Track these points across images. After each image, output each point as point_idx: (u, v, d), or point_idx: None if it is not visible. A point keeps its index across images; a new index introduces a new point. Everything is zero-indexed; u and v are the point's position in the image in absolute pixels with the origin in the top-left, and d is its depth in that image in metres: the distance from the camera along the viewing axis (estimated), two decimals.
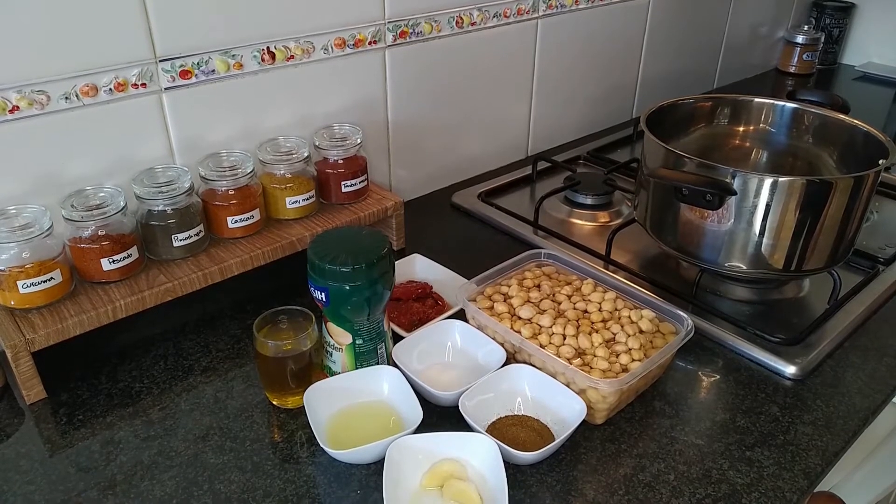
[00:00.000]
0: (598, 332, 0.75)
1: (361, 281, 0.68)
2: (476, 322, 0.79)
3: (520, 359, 0.76)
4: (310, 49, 0.93)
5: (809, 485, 0.66)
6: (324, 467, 0.67)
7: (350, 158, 0.94)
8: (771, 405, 0.75)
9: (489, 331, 0.78)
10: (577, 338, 0.74)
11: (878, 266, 0.96)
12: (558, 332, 0.75)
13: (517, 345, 0.74)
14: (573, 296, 0.80)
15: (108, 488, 0.64)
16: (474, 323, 0.80)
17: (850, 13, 1.84)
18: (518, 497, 0.64)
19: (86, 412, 0.73)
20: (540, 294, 0.80)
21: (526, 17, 1.18)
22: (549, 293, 0.80)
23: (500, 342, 0.77)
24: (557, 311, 0.78)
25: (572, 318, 0.77)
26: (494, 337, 0.77)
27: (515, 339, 0.74)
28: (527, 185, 1.23)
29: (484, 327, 0.78)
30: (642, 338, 0.74)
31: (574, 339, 0.74)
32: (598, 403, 0.70)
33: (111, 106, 0.80)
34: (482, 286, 0.82)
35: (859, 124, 0.93)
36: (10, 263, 0.72)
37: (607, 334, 0.75)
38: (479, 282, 0.82)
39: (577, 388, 0.70)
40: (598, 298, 0.80)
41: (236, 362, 0.80)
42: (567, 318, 0.76)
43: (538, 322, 0.76)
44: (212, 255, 0.83)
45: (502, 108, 1.24)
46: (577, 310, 0.78)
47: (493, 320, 0.76)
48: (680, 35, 1.52)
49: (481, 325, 0.79)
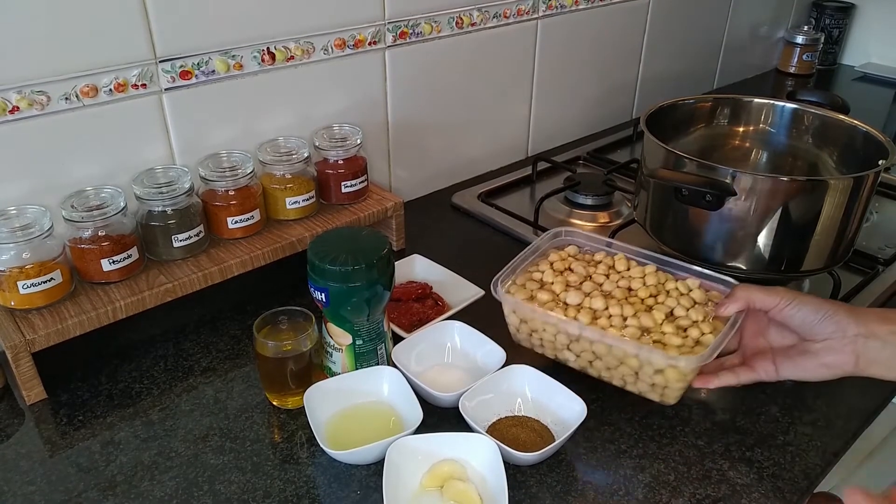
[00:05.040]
0: (655, 309, 0.70)
1: (361, 281, 0.68)
2: (518, 317, 0.73)
3: (575, 350, 0.71)
4: (310, 49, 0.93)
5: (809, 485, 0.66)
6: (324, 468, 0.67)
7: (350, 159, 0.94)
8: (771, 405, 0.75)
9: (536, 323, 0.72)
10: (638, 317, 0.69)
11: (878, 266, 0.96)
12: (616, 314, 0.70)
13: (576, 333, 0.69)
14: (611, 275, 0.75)
15: (109, 489, 0.64)
16: (515, 319, 0.74)
17: (849, 13, 1.84)
18: (518, 497, 0.64)
19: (86, 413, 0.73)
20: (577, 277, 0.75)
21: (526, 17, 1.18)
22: (585, 275, 0.75)
23: (549, 337, 0.72)
24: (603, 293, 0.73)
25: (621, 297, 0.72)
26: (545, 329, 0.72)
27: (573, 327, 0.69)
28: (527, 186, 1.23)
29: (529, 320, 0.72)
30: (701, 309, 0.71)
31: (636, 319, 0.69)
32: (676, 383, 0.66)
33: (111, 106, 0.80)
34: (512, 277, 0.77)
35: (859, 125, 0.93)
36: (11, 264, 0.72)
37: (665, 309, 0.71)
38: (507, 274, 0.76)
39: (651, 369, 0.67)
40: (639, 274, 0.75)
41: (236, 363, 0.80)
42: (617, 299, 0.72)
43: (590, 306, 0.71)
44: (212, 255, 0.83)
45: (502, 108, 1.24)
46: (622, 288, 0.74)
47: (541, 311, 0.70)
48: (680, 35, 1.52)
49: (525, 318, 0.73)
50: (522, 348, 0.80)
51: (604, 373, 0.72)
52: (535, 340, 0.75)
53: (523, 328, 0.75)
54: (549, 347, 0.74)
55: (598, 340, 0.69)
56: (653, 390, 0.70)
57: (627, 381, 0.71)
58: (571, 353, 0.72)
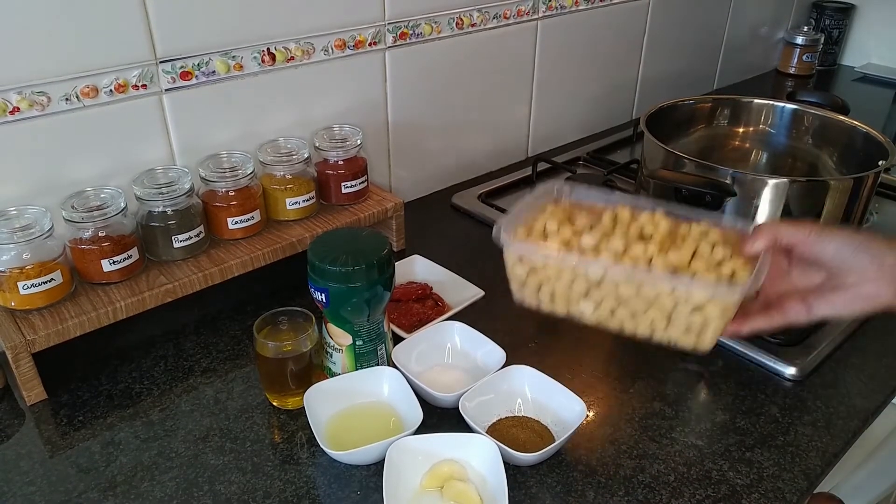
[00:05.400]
0: (680, 249, 0.62)
1: (361, 282, 0.68)
2: (525, 267, 0.64)
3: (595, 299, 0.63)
4: (310, 50, 0.93)
5: (809, 486, 0.66)
6: (324, 468, 0.67)
7: (350, 159, 0.94)
8: (771, 406, 0.75)
9: (549, 271, 0.63)
10: (665, 255, 0.61)
11: None
12: (639, 255, 0.61)
13: (599, 273, 0.61)
14: (618, 223, 0.66)
15: (109, 489, 0.64)
16: (521, 271, 0.64)
17: (849, 14, 1.84)
18: (518, 498, 0.64)
19: (86, 413, 0.73)
20: (583, 225, 0.66)
21: (526, 18, 1.18)
22: (590, 224, 0.66)
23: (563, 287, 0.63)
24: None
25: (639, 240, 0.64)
26: (558, 278, 0.63)
27: (597, 266, 0.60)
28: (527, 186, 1.23)
29: (540, 268, 0.64)
30: (727, 246, 0.63)
31: (661, 258, 0.61)
32: (717, 320, 0.60)
33: (112, 107, 0.80)
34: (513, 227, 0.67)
35: (859, 125, 0.93)
36: (11, 265, 0.72)
37: (689, 248, 0.63)
38: (509, 223, 0.67)
39: (687, 309, 0.60)
40: (649, 220, 0.66)
41: (236, 363, 0.80)
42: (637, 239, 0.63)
43: (609, 248, 0.62)
44: (212, 256, 0.83)
45: (502, 109, 1.24)
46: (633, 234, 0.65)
47: (558, 253, 0.62)
48: (680, 35, 1.52)
49: (536, 266, 0.64)
50: (523, 348, 0.80)
51: (627, 323, 0.64)
52: (543, 295, 0.66)
53: (531, 281, 0.65)
54: (561, 300, 0.65)
55: (630, 279, 0.60)
56: (687, 335, 0.62)
57: (657, 329, 0.63)
58: (590, 302, 0.64)
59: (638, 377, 0.78)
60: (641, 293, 0.61)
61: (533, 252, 0.63)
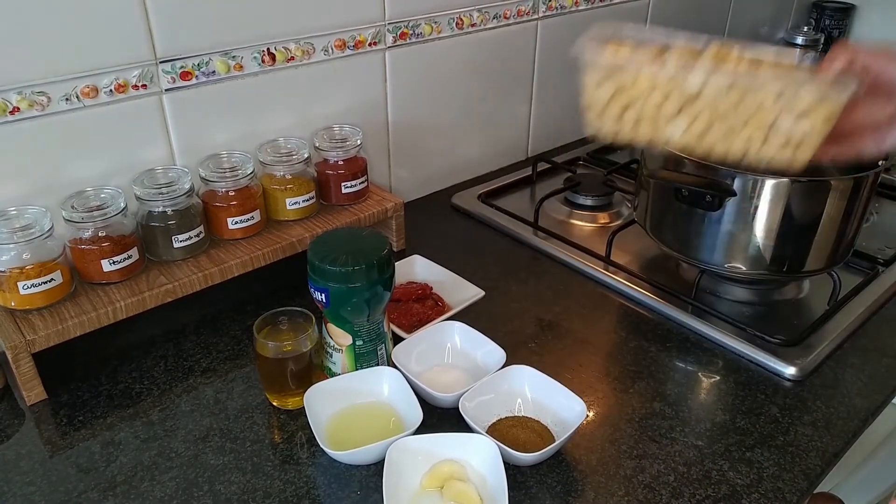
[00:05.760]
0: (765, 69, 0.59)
1: (361, 282, 0.68)
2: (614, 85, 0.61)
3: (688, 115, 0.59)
4: (310, 50, 0.93)
5: (809, 486, 0.66)
6: (324, 468, 0.67)
7: (350, 159, 0.94)
8: (771, 406, 0.75)
9: (640, 86, 0.58)
10: (757, 70, 0.58)
11: (878, 267, 0.96)
12: (729, 70, 0.58)
13: (700, 81, 0.57)
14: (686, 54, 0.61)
15: (109, 489, 0.64)
16: (605, 91, 0.61)
17: (849, 14, 1.84)
18: (518, 498, 0.64)
19: (86, 413, 0.73)
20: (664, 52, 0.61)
21: (526, 18, 1.18)
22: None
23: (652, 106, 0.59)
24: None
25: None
26: (650, 95, 0.59)
27: (699, 75, 0.56)
28: (527, 187, 1.23)
29: (632, 82, 0.60)
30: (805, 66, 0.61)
31: (754, 68, 0.57)
32: (822, 125, 0.57)
33: (112, 107, 0.80)
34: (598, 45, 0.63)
35: None
36: (11, 265, 0.72)
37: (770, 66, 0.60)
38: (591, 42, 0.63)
39: (791, 117, 0.57)
40: (715, 51, 0.61)
41: (236, 363, 0.80)
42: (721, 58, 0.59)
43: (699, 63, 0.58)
44: (212, 256, 0.84)
45: (502, 109, 1.24)
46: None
47: (660, 59, 0.58)
48: None
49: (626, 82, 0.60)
50: (523, 348, 0.80)
51: (719, 144, 0.60)
52: (627, 120, 0.62)
53: (613, 105, 0.62)
54: (647, 124, 0.61)
55: (730, 86, 0.56)
56: (785, 149, 0.59)
57: (753, 146, 0.59)
58: (682, 121, 0.59)
59: (638, 377, 0.78)
60: (743, 105, 0.57)
61: (629, 63, 0.58)
